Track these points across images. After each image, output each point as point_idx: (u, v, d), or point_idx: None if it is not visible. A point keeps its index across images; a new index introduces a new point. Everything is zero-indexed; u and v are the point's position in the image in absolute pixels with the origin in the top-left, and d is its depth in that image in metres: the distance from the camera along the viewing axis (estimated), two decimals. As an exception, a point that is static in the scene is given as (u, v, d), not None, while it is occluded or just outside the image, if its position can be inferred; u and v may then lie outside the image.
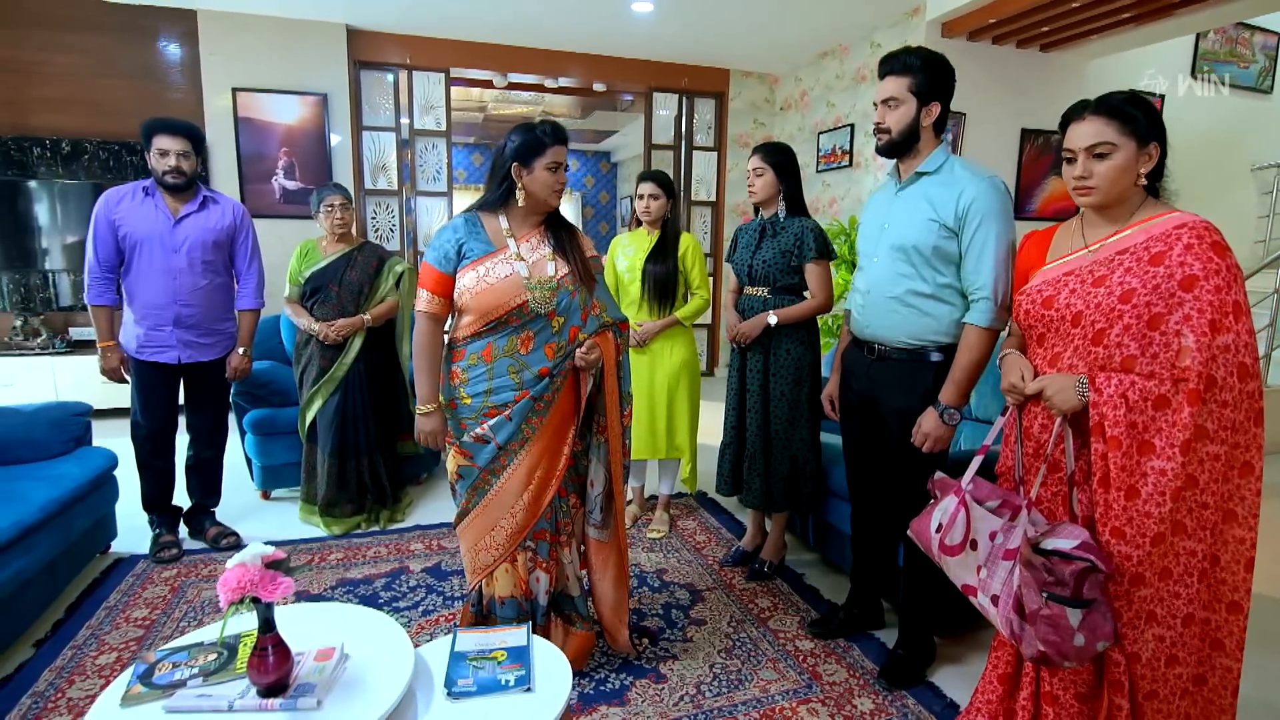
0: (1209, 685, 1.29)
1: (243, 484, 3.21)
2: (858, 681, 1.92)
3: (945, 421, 1.73)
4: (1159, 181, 1.34)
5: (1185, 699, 1.28)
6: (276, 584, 1.19)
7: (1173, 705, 1.28)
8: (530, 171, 1.71)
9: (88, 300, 2.41)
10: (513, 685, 1.34)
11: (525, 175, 1.72)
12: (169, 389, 2.52)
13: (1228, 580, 1.25)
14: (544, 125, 1.71)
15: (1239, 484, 1.22)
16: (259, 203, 4.64)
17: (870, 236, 1.89)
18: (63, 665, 1.92)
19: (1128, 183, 1.30)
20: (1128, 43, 4.22)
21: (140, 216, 2.38)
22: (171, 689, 1.23)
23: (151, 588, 2.35)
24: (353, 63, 4.78)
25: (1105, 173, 1.30)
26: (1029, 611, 1.25)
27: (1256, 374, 1.19)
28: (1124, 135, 1.28)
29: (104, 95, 4.35)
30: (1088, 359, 1.30)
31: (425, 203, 5.20)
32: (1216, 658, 1.28)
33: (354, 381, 2.80)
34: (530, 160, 1.70)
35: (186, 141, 2.37)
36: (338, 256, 2.80)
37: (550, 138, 1.70)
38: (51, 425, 2.43)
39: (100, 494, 2.45)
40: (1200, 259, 1.19)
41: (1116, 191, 1.31)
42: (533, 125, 1.71)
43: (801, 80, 5.43)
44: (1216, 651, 1.28)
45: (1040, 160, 4.50)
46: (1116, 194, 1.31)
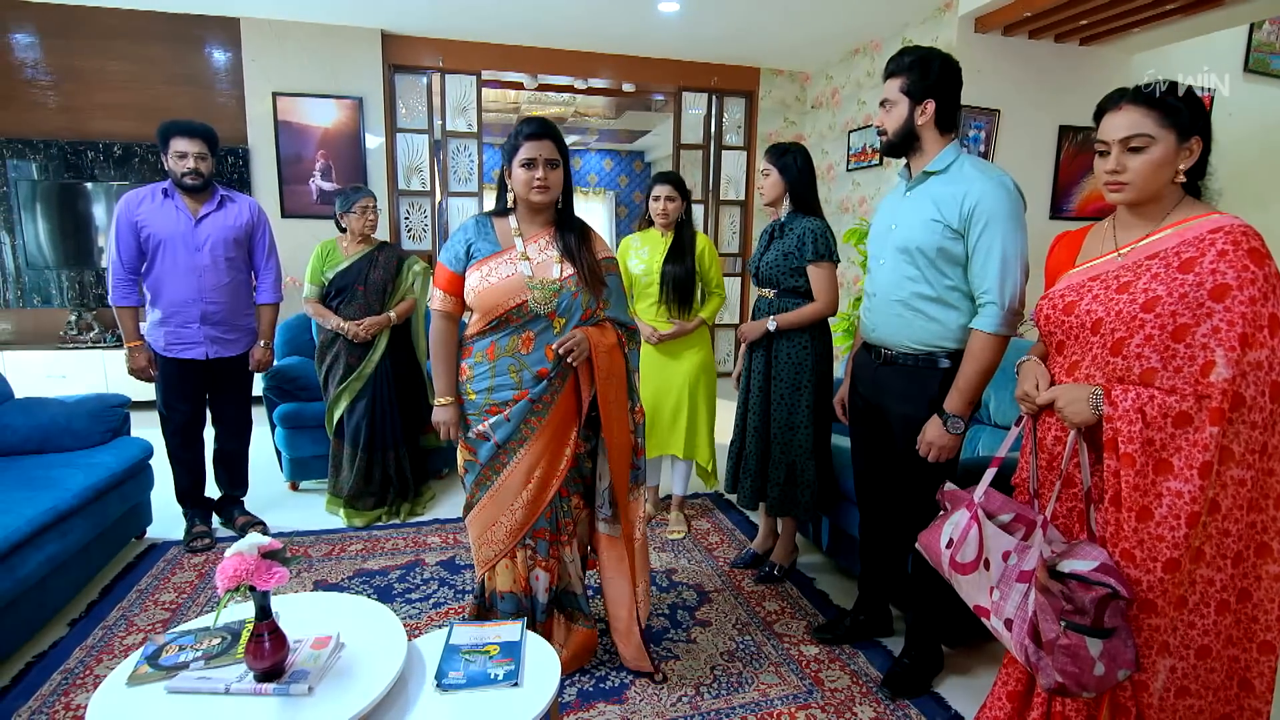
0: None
1: (273, 475, 3.33)
2: (860, 689, 1.89)
3: (950, 430, 1.69)
4: (1201, 180, 1.24)
5: None
6: (272, 573, 1.23)
7: None
8: (510, 171, 1.75)
9: (112, 301, 2.48)
10: (501, 679, 1.37)
11: (508, 175, 1.76)
12: (196, 384, 2.61)
13: (1260, 619, 1.17)
14: (522, 123, 1.74)
15: (1275, 515, 1.14)
16: (297, 203, 4.80)
17: (878, 238, 1.86)
18: (93, 644, 2.03)
19: (1164, 179, 1.21)
20: (1174, 35, 4.02)
21: (162, 217, 2.45)
22: (175, 670, 1.29)
23: (181, 573, 2.46)
24: (387, 66, 4.90)
25: (1140, 167, 1.20)
26: (1046, 640, 1.18)
27: None
28: (1163, 128, 1.18)
29: (155, 101, 4.55)
30: (1106, 369, 1.23)
31: (457, 203, 5.29)
32: (1245, 698, 1.20)
33: (381, 378, 2.88)
34: (509, 160, 1.74)
35: (203, 143, 2.44)
36: (360, 257, 2.88)
37: (522, 135, 1.72)
38: (91, 416, 2.56)
39: (135, 482, 2.57)
40: (1234, 266, 1.10)
41: (1152, 189, 1.22)
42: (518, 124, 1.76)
43: (833, 78, 5.36)
44: (1245, 692, 1.20)
45: (1079, 158, 4.34)
46: (1152, 191, 1.22)
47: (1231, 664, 1.20)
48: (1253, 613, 1.17)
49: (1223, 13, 3.67)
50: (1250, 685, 1.20)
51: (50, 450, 2.46)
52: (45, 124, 4.47)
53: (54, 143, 4.44)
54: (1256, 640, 1.18)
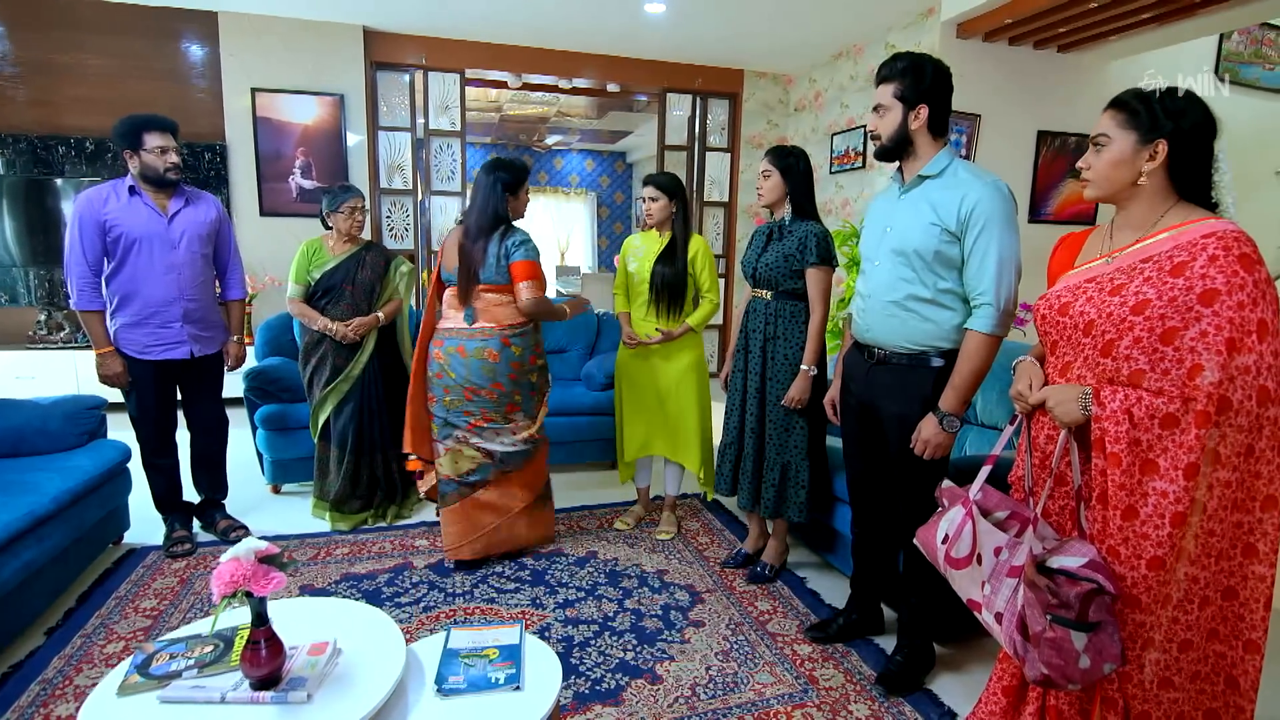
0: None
1: (254, 478, 3.26)
2: (854, 687, 1.91)
3: (945, 429, 1.71)
4: (1210, 189, 1.25)
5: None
6: (269, 579, 1.21)
7: None
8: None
9: (78, 307, 2.35)
10: (502, 683, 1.35)
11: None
12: (170, 387, 2.55)
13: (1246, 617, 1.19)
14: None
15: (1261, 517, 1.16)
16: (276, 201, 4.72)
17: (872, 240, 1.88)
18: (71, 653, 1.97)
19: (1123, 178, 1.25)
20: (1148, 43, 4.13)
21: (133, 216, 2.36)
22: (167, 680, 1.25)
23: (161, 579, 2.40)
24: (369, 64, 4.84)
25: (1098, 165, 1.27)
26: (1033, 633, 1.21)
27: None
28: (1122, 129, 1.24)
29: (130, 95, 4.44)
30: (1096, 370, 1.25)
31: (440, 202, 5.24)
32: (1230, 695, 1.23)
33: (369, 379, 2.84)
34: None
35: (174, 137, 2.39)
36: (348, 256, 2.84)
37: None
38: (66, 418, 2.48)
39: (113, 486, 2.50)
40: (1224, 272, 1.12)
41: (1111, 186, 1.27)
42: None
43: (816, 81, 5.40)
44: (1230, 689, 1.23)
45: (1057, 162, 4.43)
46: (1112, 189, 1.27)
47: (1218, 660, 1.22)
48: (1239, 611, 1.20)
49: (1193, 23, 3.80)
50: (1235, 682, 1.22)
51: (25, 453, 2.39)
52: (14, 118, 4.34)
53: (23, 137, 4.31)
54: (1242, 638, 1.20)
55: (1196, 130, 1.21)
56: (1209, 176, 1.24)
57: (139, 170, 2.37)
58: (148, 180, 2.39)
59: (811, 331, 2.29)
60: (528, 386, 2.50)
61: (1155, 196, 1.25)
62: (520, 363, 2.45)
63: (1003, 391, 2.35)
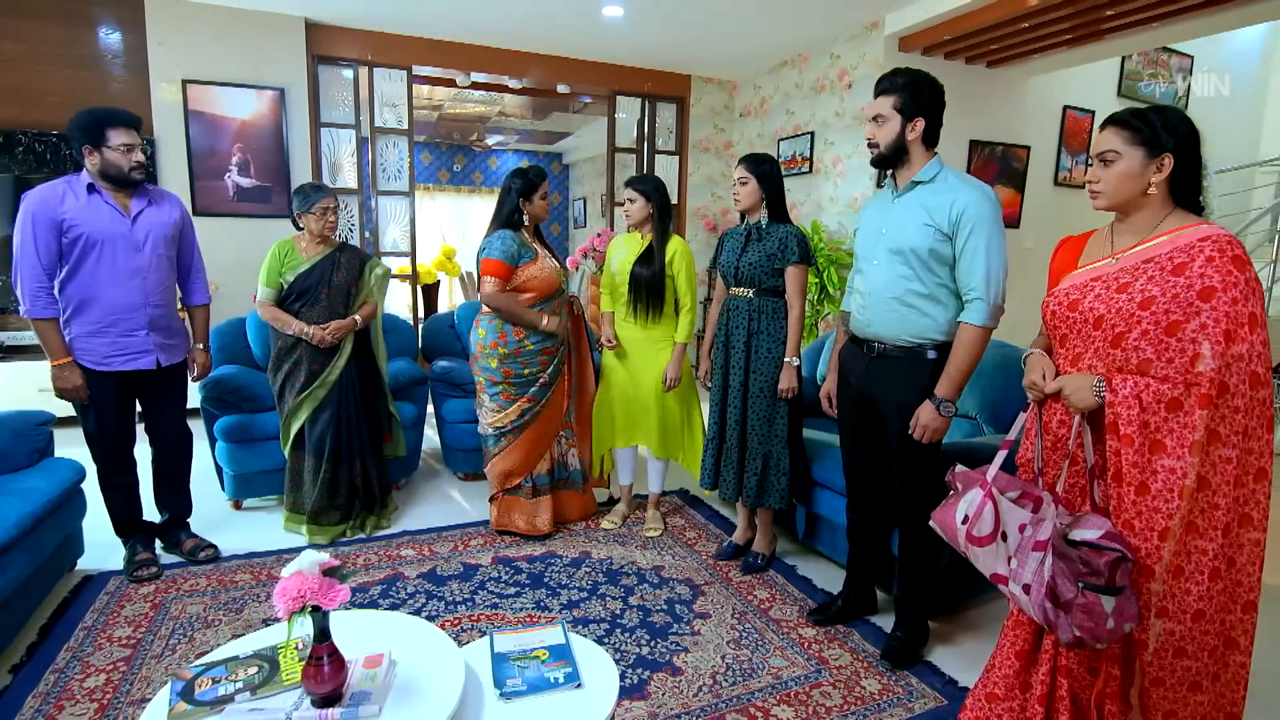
0: (1222, 680, 1.37)
1: (213, 493, 3.08)
2: (862, 664, 2.02)
3: (941, 413, 1.85)
4: (1199, 195, 1.40)
5: (1197, 691, 1.35)
6: (335, 592, 1.18)
7: (1179, 694, 1.36)
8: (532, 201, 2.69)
9: (30, 314, 2.16)
10: (563, 683, 1.36)
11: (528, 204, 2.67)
12: (131, 400, 2.39)
13: (1243, 581, 1.32)
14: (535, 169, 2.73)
15: (1254, 489, 1.30)
16: (210, 200, 4.44)
17: (869, 242, 2.00)
18: (46, 690, 1.82)
19: (1134, 190, 1.39)
20: (1064, 62, 4.53)
21: (94, 216, 2.20)
22: (220, 704, 1.20)
23: (131, 605, 2.24)
24: (311, 57, 4.63)
25: (1109, 178, 1.40)
26: (1064, 600, 1.32)
27: (1268, 382, 1.27)
28: (1130, 145, 1.37)
29: (40, 84, 4.07)
30: (1106, 360, 1.38)
31: (386, 202, 5.08)
32: (1230, 654, 1.36)
33: (346, 385, 2.73)
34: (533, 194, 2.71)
35: (138, 134, 2.25)
36: (322, 258, 2.72)
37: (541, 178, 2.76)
38: (15, 435, 2.27)
39: (68, 509, 2.31)
40: (1220, 271, 1.25)
41: (1122, 197, 1.40)
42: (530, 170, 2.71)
43: (761, 88, 5.58)
44: (1231, 649, 1.36)
45: (987, 169, 4.77)
46: (1123, 199, 1.40)
47: (1221, 626, 1.35)
48: (1237, 576, 1.33)
49: (1103, 45, 4.20)
50: (1235, 643, 1.36)
51: (-31, 476, 2.17)
52: (-98, 105, 3.89)
53: (-87, 127, 3.88)
54: (1240, 601, 1.34)
55: (1191, 141, 1.37)
56: (1200, 182, 1.40)
57: (99, 168, 2.19)
58: (108, 178, 2.22)
59: (792, 325, 2.41)
60: (486, 370, 2.70)
61: (1158, 204, 1.40)
62: (483, 345, 2.69)
63: (974, 385, 2.53)
